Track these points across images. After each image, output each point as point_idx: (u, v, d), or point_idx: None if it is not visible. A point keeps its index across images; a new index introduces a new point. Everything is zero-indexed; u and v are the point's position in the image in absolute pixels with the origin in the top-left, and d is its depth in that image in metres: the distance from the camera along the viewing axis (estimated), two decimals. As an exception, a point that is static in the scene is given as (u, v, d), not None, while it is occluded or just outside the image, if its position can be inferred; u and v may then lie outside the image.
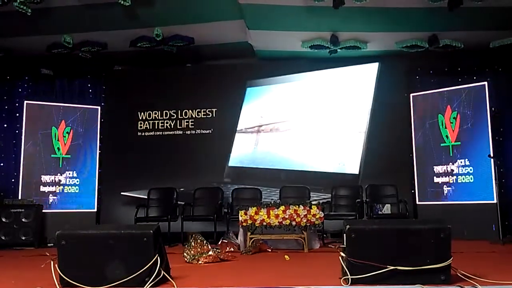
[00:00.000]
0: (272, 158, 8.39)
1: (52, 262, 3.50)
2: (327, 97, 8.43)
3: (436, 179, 7.69)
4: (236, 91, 8.66)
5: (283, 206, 6.08)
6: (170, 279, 3.52)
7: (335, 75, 8.47)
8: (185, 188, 8.17)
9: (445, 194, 7.58)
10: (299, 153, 8.29)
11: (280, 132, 8.47)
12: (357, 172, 7.92)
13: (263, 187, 8.04)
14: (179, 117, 8.73)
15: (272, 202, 6.31)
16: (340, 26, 7.31)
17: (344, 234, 3.46)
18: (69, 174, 8.13)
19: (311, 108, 8.43)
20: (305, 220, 5.99)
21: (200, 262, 4.89)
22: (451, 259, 3.28)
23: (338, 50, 7.79)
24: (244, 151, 8.52)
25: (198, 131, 8.65)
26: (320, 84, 8.51)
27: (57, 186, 8.05)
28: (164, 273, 3.48)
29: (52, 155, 8.10)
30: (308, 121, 8.39)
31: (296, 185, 7.80)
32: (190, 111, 8.71)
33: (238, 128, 8.56)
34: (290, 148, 8.36)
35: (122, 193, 8.46)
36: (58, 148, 8.16)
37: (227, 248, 5.83)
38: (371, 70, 8.28)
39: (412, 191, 7.92)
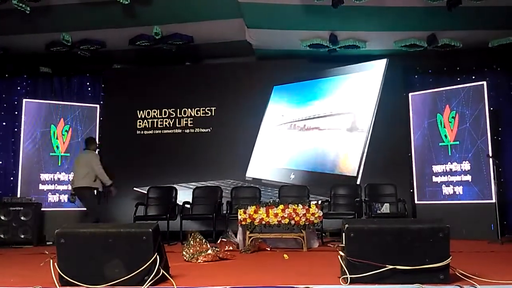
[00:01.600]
0: (281, 157, 8.38)
1: (51, 261, 3.50)
2: (333, 96, 8.38)
3: (434, 179, 7.70)
4: (235, 90, 8.63)
5: (282, 205, 6.08)
6: (169, 277, 3.52)
7: (338, 75, 8.42)
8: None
9: (443, 194, 7.59)
10: (306, 153, 8.25)
11: (291, 131, 8.44)
12: (355, 174, 7.88)
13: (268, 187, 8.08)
14: (178, 115, 8.72)
15: (271, 201, 6.30)
16: (339, 25, 7.31)
17: (343, 233, 3.47)
18: (68, 172, 8.12)
19: (317, 108, 8.39)
20: (304, 219, 5.98)
21: (199, 261, 4.90)
22: (450, 258, 3.28)
23: (337, 49, 7.79)
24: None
25: (197, 130, 8.64)
26: (323, 84, 8.48)
27: (56, 185, 8.05)
28: (163, 271, 3.48)
29: (51, 154, 8.10)
30: (315, 121, 8.35)
31: (295, 184, 7.80)
32: (189, 109, 8.70)
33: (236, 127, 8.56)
34: (298, 148, 8.32)
35: (134, 188, 8.40)
36: (57, 146, 8.16)
37: (226, 247, 5.83)
38: (377, 69, 8.18)
39: (411, 190, 7.93)
